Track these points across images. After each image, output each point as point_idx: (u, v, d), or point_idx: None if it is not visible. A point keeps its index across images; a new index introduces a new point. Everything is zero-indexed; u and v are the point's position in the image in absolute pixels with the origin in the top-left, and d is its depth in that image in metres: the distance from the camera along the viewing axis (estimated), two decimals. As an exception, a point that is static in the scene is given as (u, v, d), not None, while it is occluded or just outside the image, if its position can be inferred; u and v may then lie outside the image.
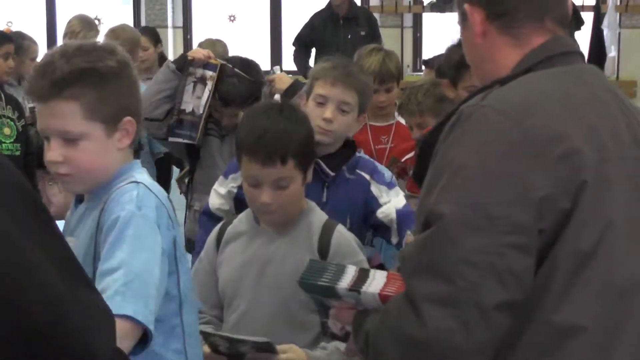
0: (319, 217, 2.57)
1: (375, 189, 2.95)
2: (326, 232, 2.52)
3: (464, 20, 1.76)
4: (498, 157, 1.52)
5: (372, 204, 2.94)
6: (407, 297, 1.54)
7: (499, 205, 1.49)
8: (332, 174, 2.87)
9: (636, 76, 8.63)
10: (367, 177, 2.95)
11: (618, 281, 1.56)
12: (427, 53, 8.96)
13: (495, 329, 1.51)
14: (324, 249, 2.49)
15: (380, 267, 3.02)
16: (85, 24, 5.85)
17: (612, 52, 8.45)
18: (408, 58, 9.25)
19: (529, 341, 1.54)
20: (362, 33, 7.67)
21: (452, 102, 3.67)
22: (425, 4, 9.17)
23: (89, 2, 10.00)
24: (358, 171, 2.95)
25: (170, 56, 9.95)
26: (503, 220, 1.49)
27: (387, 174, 3.02)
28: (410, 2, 9.20)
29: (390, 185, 2.98)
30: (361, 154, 3.05)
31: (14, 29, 7.22)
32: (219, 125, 3.75)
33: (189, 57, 3.89)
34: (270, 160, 2.40)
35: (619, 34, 8.67)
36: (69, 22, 5.89)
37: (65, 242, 1.44)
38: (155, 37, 6.02)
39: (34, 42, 5.72)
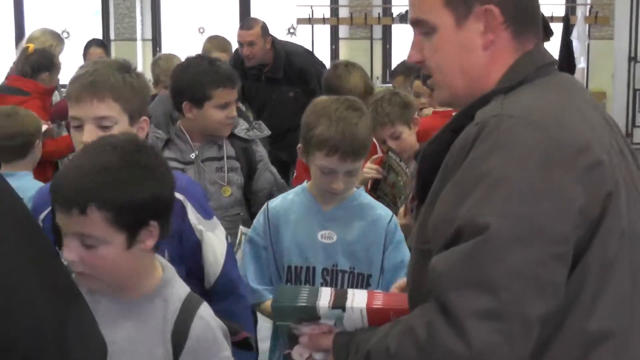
0: (179, 290, 1.96)
1: (192, 214, 2.36)
2: (184, 316, 1.90)
3: (461, 23, 1.67)
4: (537, 168, 1.50)
5: (189, 235, 2.34)
6: (442, 312, 1.47)
7: (543, 216, 1.47)
8: None
9: (605, 87, 8.67)
10: (181, 197, 2.29)
11: (636, 284, 1.58)
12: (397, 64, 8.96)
13: (534, 340, 1.48)
14: (178, 341, 1.88)
15: None
16: (48, 36, 5.89)
17: (581, 63, 8.49)
18: (378, 70, 9.24)
19: (559, 349, 1.53)
20: (291, 94, 5.89)
21: (414, 107, 3.75)
22: (394, 15, 9.18)
23: (58, 14, 9.94)
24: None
25: (140, 69, 9.90)
26: (547, 231, 1.47)
27: (203, 196, 2.45)
28: (379, 13, 9.20)
29: (206, 214, 2.41)
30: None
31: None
32: None
33: None
34: (64, 207, 1.79)
35: (588, 45, 8.72)
36: (31, 34, 5.98)
37: (63, 267, 1.42)
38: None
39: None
